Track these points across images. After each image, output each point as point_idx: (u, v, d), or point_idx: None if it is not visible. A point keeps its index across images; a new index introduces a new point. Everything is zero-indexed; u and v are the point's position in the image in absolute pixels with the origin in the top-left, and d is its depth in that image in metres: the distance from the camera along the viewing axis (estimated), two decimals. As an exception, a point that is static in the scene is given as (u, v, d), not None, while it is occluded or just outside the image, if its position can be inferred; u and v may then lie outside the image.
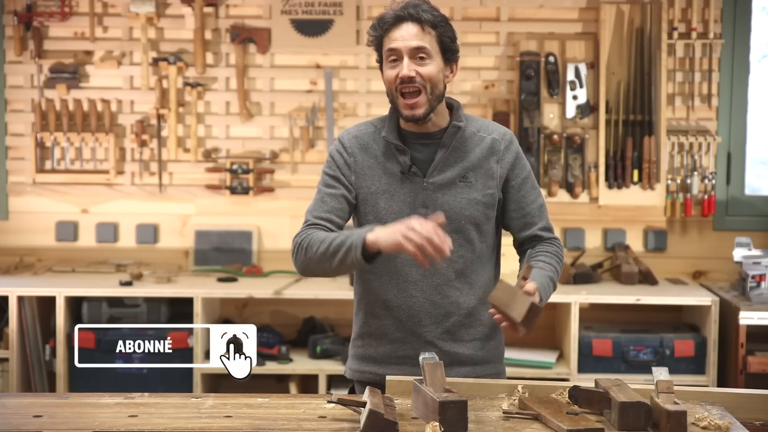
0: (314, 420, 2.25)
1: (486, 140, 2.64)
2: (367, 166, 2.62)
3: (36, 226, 4.97)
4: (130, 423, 2.22)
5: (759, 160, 5.12)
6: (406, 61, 2.53)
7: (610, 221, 4.92)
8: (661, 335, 4.52)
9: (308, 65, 4.91)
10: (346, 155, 2.64)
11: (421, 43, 2.53)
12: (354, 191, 2.62)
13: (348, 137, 2.66)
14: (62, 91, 4.85)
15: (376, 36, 2.59)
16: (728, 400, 2.37)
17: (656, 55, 4.72)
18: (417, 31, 2.53)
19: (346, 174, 2.62)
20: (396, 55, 2.55)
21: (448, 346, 2.62)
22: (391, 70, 2.56)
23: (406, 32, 2.54)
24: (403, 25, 2.54)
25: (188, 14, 4.81)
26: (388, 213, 2.59)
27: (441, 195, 2.59)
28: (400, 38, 2.54)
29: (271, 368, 4.53)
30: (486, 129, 2.66)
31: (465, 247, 2.61)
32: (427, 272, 2.59)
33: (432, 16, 2.55)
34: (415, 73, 2.52)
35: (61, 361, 4.46)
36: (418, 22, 2.54)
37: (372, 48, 2.63)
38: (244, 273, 4.80)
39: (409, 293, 2.61)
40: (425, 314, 2.61)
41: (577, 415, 2.20)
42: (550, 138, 4.74)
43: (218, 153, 4.92)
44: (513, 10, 4.87)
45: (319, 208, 2.61)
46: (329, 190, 2.62)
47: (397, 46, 2.54)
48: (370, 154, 2.63)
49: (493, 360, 2.70)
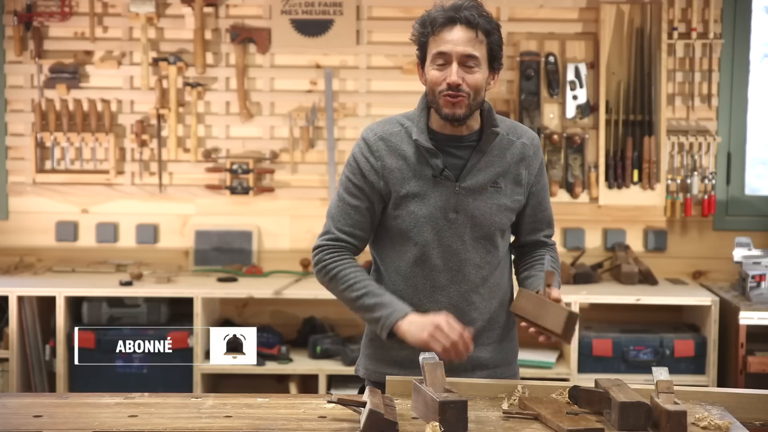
0: (314, 420, 2.25)
1: (516, 144, 2.58)
2: (397, 168, 2.54)
3: (36, 226, 4.97)
4: (130, 423, 2.22)
5: (759, 160, 5.12)
6: (455, 67, 2.44)
7: (610, 221, 4.92)
8: (661, 335, 4.51)
9: (308, 65, 4.91)
10: (373, 159, 2.55)
11: (472, 50, 2.44)
12: (382, 199, 2.56)
13: (374, 138, 2.56)
14: (62, 91, 4.85)
15: (423, 33, 2.49)
16: (728, 400, 2.37)
17: (656, 55, 4.72)
18: (470, 36, 2.44)
19: (373, 181, 2.55)
20: (444, 59, 2.46)
21: (471, 352, 2.58)
22: (437, 72, 2.47)
23: (458, 36, 2.44)
24: (455, 28, 2.44)
25: (188, 14, 4.81)
26: (418, 217, 2.54)
27: (472, 200, 2.54)
28: (451, 42, 2.44)
29: (271, 368, 4.53)
30: (515, 132, 2.60)
31: (492, 253, 2.58)
32: (455, 279, 2.56)
33: (486, 22, 2.47)
34: (462, 80, 2.44)
35: (61, 361, 4.46)
36: (472, 27, 2.44)
37: (413, 43, 2.53)
38: (244, 273, 4.80)
39: (435, 299, 2.57)
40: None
41: (577, 415, 2.20)
42: (550, 138, 4.74)
43: (218, 153, 4.92)
44: (513, 10, 4.87)
45: (342, 220, 2.57)
46: (354, 201, 2.56)
47: (448, 50, 2.44)
48: (399, 156, 2.54)
49: (511, 361, 2.69)
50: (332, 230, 2.58)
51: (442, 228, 2.54)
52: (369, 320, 2.53)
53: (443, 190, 2.53)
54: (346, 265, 2.55)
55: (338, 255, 2.57)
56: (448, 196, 2.53)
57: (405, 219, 2.55)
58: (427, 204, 2.53)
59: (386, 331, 2.47)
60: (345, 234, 2.57)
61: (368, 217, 2.58)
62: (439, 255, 2.55)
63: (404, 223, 2.55)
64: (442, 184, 2.53)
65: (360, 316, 2.56)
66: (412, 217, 2.54)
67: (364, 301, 2.51)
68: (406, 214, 2.55)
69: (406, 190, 2.54)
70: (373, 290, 2.51)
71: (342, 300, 2.58)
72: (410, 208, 2.54)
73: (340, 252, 2.57)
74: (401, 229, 2.56)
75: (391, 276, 2.61)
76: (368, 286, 2.52)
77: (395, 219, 2.56)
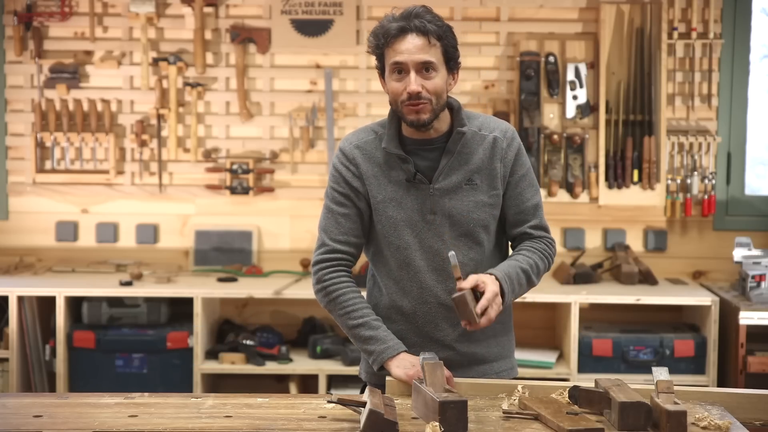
0: (314, 420, 2.25)
1: (488, 139, 2.60)
2: (372, 175, 2.59)
3: (36, 226, 4.97)
4: (130, 423, 2.22)
5: (759, 160, 5.12)
6: (413, 75, 2.47)
7: (610, 221, 4.92)
8: (661, 335, 4.51)
9: (308, 65, 4.91)
10: (353, 167, 2.60)
11: (427, 57, 2.47)
12: (368, 204, 2.60)
13: (350, 147, 2.62)
14: (62, 91, 4.85)
15: (378, 45, 2.53)
16: (728, 400, 2.37)
17: (656, 55, 4.72)
18: (423, 43, 2.47)
19: (357, 186, 2.60)
20: (401, 68, 2.49)
21: (465, 348, 2.62)
22: (396, 83, 2.50)
23: (411, 45, 2.47)
24: (408, 37, 2.47)
25: (188, 14, 4.81)
26: (397, 221, 2.58)
27: (448, 200, 2.57)
28: (406, 51, 2.47)
29: (271, 368, 4.53)
30: (487, 126, 2.63)
31: (475, 249, 2.60)
32: (441, 278, 2.59)
33: (437, 27, 2.49)
34: (422, 87, 2.47)
35: (61, 361, 4.46)
36: (424, 34, 2.47)
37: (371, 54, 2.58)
38: (244, 273, 4.80)
39: (424, 299, 2.61)
40: (441, 318, 2.61)
41: (577, 415, 2.20)
42: (550, 138, 4.74)
43: (218, 153, 4.92)
44: (513, 10, 4.87)
45: (335, 230, 2.60)
46: (342, 210, 2.60)
47: (403, 60, 2.47)
48: (373, 163, 2.59)
49: (508, 355, 2.71)
50: (327, 242, 2.61)
51: (421, 230, 2.58)
52: (363, 350, 2.60)
53: (418, 193, 2.57)
54: (346, 290, 2.60)
55: (337, 275, 2.60)
56: (423, 199, 2.57)
57: (384, 224, 2.59)
58: (404, 207, 2.58)
59: (377, 366, 2.55)
60: (340, 244, 2.60)
61: (359, 222, 2.61)
62: (422, 256, 2.59)
63: (384, 228, 2.59)
64: (416, 187, 2.57)
65: (354, 343, 2.62)
66: (391, 222, 2.58)
67: (360, 332, 2.57)
68: (385, 219, 2.59)
69: (382, 196, 2.58)
70: (370, 322, 2.57)
71: (339, 323, 2.64)
72: (388, 213, 2.58)
73: (338, 270, 2.61)
74: (383, 234, 2.60)
75: (384, 280, 2.65)
76: (365, 316, 2.58)
77: (376, 224, 2.60)
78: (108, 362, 4.53)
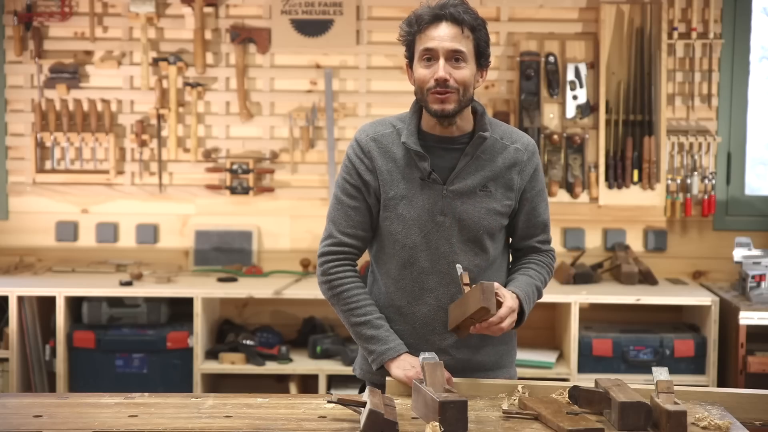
0: (314, 420, 2.25)
1: (509, 149, 2.58)
2: (387, 170, 2.56)
3: (36, 226, 4.97)
4: (130, 423, 2.22)
5: (759, 160, 5.12)
6: (442, 62, 2.45)
7: (610, 221, 4.92)
8: (661, 335, 4.51)
9: (308, 65, 4.91)
10: (366, 160, 2.57)
11: (458, 45, 2.44)
12: (378, 199, 2.57)
13: (366, 139, 2.58)
14: (62, 91, 4.85)
15: (410, 32, 2.50)
16: (728, 400, 2.38)
17: (656, 55, 4.72)
18: (455, 32, 2.45)
19: (369, 180, 2.57)
20: (431, 55, 2.46)
21: (462, 354, 2.60)
22: (424, 70, 2.48)
23: (444, 32, 2.44)
24: (441, 25, 2.45)
25: (188, 14, 4.81)
26: (406, 219, 2.55)
27: (460, 203, 2.54)
28: (437, 38, 2.45)
29: (271, 368, 4.53)
30: (509, 136, 2.60)
31: (480, 256, 2.58)
32: (443, 281, 2.57)
33: (472, 19, 2.47)
34: (449, 76, 2.45)
35: (61, 361, 4.46)
36: (458, 23, 2.45)
37: (402, 43, 2.54)
38: (244, 273, 4.80)
39: (424, 301, 2.58)
40: (439, 322, 2.58)
41: (577, 415, 2.20)
42: (550, 138, 4.74)
43: (218, 153, 4.92)
44: (513, 10, 4.87)
45: (344, 222, 2.59)
46: (353, 202, 2.58)
47: (434, 46, 2.45)
48: (389, 158, 2.56)
49: (506, 365, 2.69)
50: (334, 234, 2.60)
51: (429, 231, 2.56)
52: (363, 349, 2.59)
53: (431, 193, 2.54)
54: (350, 285, 2.59)
55: (343, 269, 2.59)
56: (435, 199, 2.54)
57: (393, 221, 2.57)
58: (415, 206, 2.55)
59: (377, 365, 2.55)
60: (348, 236, 2.58)
61: (368, 216, 2.59)
62: (427, 257, 2.57)
63: (392, 225, 2.57)
64: (429, 186, 2.54)
65: (355, 340, 2.62)
66: (400, 220, 2.56)
67: (363, 331, 2.57)
68: (394, 216, 2.56)
69: (394, 192, 2.55)
70: (373, 320, 2.57)
71: (341, 318, 2.63)
72: (398, 211, 2.56)
73: (344, 263, 2.60)
74: (390, 231, 2.58)
75: (383, 278, 2.63)
76: (368, 314, 2.57)
77: (384, 221, 2.58)
78: (108, 362, 4.53)
